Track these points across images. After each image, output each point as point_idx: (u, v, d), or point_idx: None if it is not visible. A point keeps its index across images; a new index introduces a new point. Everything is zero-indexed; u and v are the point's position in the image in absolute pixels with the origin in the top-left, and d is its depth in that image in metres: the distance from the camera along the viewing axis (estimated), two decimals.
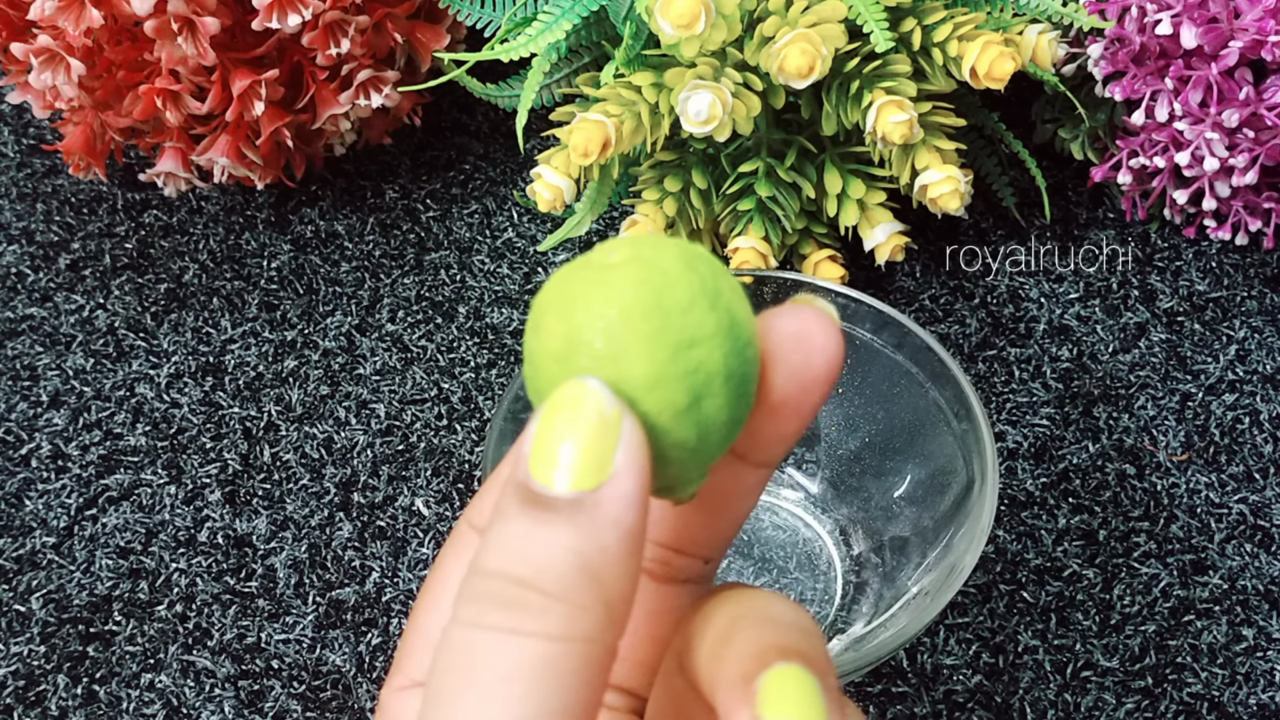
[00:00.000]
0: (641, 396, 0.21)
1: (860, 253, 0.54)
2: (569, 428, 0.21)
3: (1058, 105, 0.58)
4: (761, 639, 0.22)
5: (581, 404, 0.21)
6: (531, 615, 0.20)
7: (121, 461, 0.53)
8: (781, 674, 0.21)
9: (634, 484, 0.21)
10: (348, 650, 0.47)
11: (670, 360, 0.21)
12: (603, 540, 0.21)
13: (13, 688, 0.47)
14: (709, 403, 0.22)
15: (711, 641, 0.23)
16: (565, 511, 0.21)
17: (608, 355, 0.21)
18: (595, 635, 0.21)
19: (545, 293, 0.22)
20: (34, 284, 0.59)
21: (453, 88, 0.62)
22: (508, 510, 0.21)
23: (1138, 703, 0.45)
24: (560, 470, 0.21)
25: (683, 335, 0.21)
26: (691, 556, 0.25)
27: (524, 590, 0.20)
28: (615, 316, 0.21)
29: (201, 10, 0.51)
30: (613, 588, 0.21)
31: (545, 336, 0.22)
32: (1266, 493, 0.50)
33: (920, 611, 0.39)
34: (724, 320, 0.22)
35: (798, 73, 0.45)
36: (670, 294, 0.21)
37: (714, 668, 0.22)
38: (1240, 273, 0.56)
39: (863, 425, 0.46)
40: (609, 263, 0.22)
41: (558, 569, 0.20)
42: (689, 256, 0.22)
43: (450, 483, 0.51)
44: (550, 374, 0.22)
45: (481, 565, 0.21)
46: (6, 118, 0.66)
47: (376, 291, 0.58)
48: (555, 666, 0.20)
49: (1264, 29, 0.47)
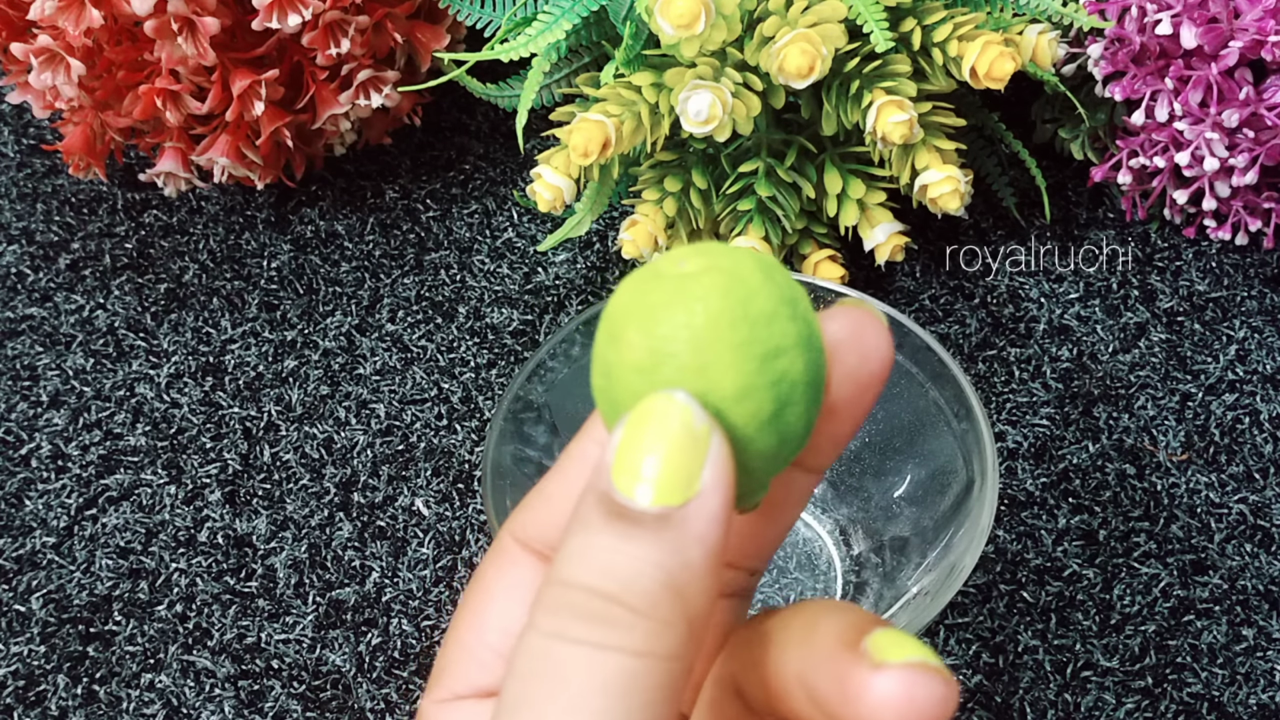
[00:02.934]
0: (729, 408, 0.21)
1: (860, 253, 0.54)
2: (656, 441, 0.21)
3: (1058, 105, 0.58)
4: (851, 617, 0.22)
5: (669, 417, 0.21)
6: (617, 630, 0.20)
7: (121, 461, 0.53)
8: (886, 633, 0.21)
9: (720, 501, 0.21)
10: (348, 650, 0.47)
11: (758, 370, 0.21)
12: (688, 557, 0.20)
13: (13, 688, 0.47)
14: (791, 411, 0.21)
15: (795, 637, 0.23)
16: (651, 526, 0.20)
17: (694, 366, 0.21)
18: (678, 652, 0.21)
19: (618, 303, 0.22)
20: (34, 284, 0.59)
21: (453, 88, 0.62)
22: (590, 521, 0.21)
23: (1138, 703, 0.45)
24: (644, 484, 0.21)
25: (769, 345, 0.21)
26: (739, 569, 0.25)
27: (609, 604, 0.20)
28: (701, 326, 0.21)
29: (201, 10, 0.51)
30: (695, 604, 0.21)
31: (625, 349, 0.21)
32: (1266, 493, 0.50)
33: (920, 611, 0.39)
34: (803, 329, 0.22)
35: (798, 73, 0.45)
36: (754, 303, 0.21)
37: (804, 654, 0.22)
38: (1240, 273, 0.56)
39: (863, 425, 0.46)
40: (685, 272, 0.21)
41: (643, 584, 0.20)
42: (766, 265, 0.22)
43: (450, 483, 0.51)
44: (632, 386, 0.21)
45: (564, 576, 0.21)
46: (6, 118, 0.66)
47: (376, 291, 0.58)
48: (639, 682, 0.20)
49: (1264, 29, 0.47)
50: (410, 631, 0.48)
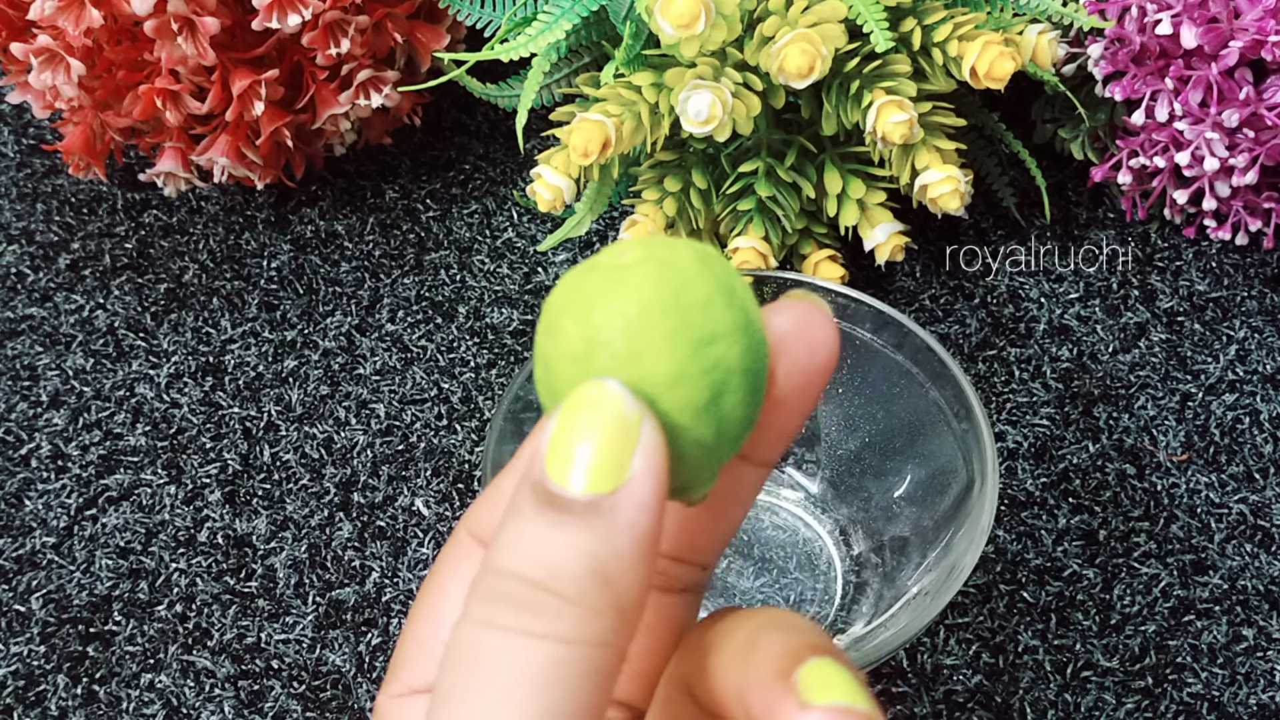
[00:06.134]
0: (662, 394, 0.21)
1: (860, 253, 0.54)
2: (587, 429, 0.21)
3: (1058, 105, 0.58)
4: (790, 640, 0.22)
5: (601, 405, 0.21)
6: (544, 617, 0.20)
7: (121, 461, 0.53)
8: (820, 665, 0.21)
9: (651, 488, 0.21)
10: (347, 650, 0.47)
11: (691, 357, 0.21)
12: (617, 544, 0.21)
13: (13, 688, 0.47)
14: (728, 399, 0.21)
15: (735, 652, 0.23)
16: (581, 514, 0.20)
17: (628, 354, 0.21)
18: (607, 639, 0.21)
19: (557, 295, 0.22)
20: (34, 284, 0.59)
21: (453, 88, 0.62)
22: (523, 509, 0.21)
23: (1138, 703, 0.45)
24: (576, 471, 0.21)
25: (703, 332, 0.21)
26: (689, 564, 0.25)
27: (537, 592, 0.20)
28: (635, 315, 0.21)
29: (201, 10, 0.51)
30: (626, 593, 0.21)
31: (561, 339, 0.22)
32: (1266, 493, 0.50)
33: (920, 611, 0.39)
34: (740, 317, 0.22)
35: (798, 73, 0.45)
36: (688, 291, 0.21)
37: (743, 673, 0.22)
38: (1240, 273, 0.56)
39: (863, 425, 0.46)
40: (622, 263, 0.22)
41: (572, 571, 0.20)
42: (702, 255, 0.22)
43: (450, 483, 0.51)
44: (567, 376, 0.22)
45: (495, 564, 0.21)
46: (6, 118, 0.66)
47: (376, 291, 0.58)
48: (566, 669, 0.20)
49: (1264, 29, 0.47)
50: None
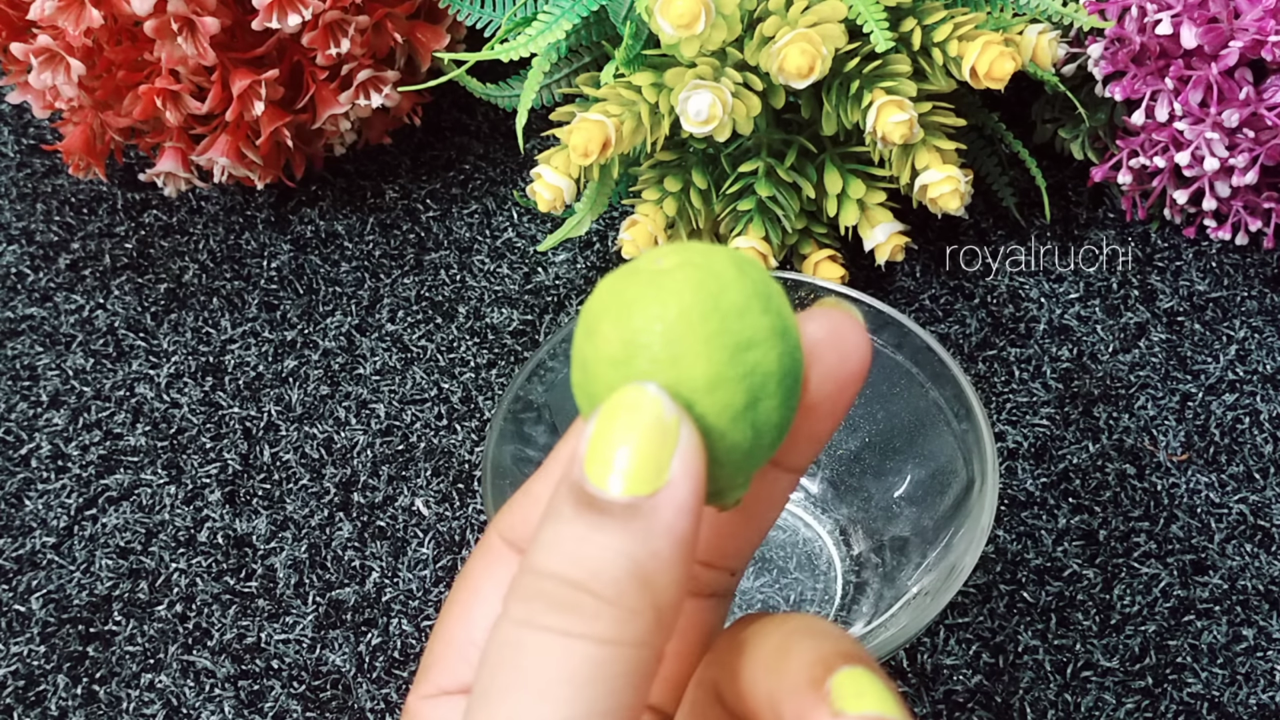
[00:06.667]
0: (700, 399, 0.21)
1: (860, 253, 0.54)
2: (627, 432, 0.21)
3: (1058, 105, 0.58)
4: (822, 647, 0.22)
5: (640, 408, 0.21)
6: (583, 618, 0.21)
7: (121, 461, 0.53)
8: (852, 674, 0.22)
9: (689, 491, 0.21)
10: (348, 650, 0.47)
11: (729, 362, 0.21)
12: (655, 546, 0.21)
13: (13, 688, 0.47)
14: (764, 404, 0.22)
15: (767, 659, 0.23)
16: (620, 516, 0.21)
17: (667, 358, 0.21)
18: (645, 640, 0.21)
19: (597, 299, 0.22)
20: (34, 284, 0.59)
21: (453, 88, 0.62)
22: (562, 511, 0.21)
23: (1138, 703, 0.45)
24: (615, 474, 0.21)
25: (740, 337, 0.21)
26: (719, 569, 0.26)
27: (576, 592, 0.21)
28: (674, 319, 0.21)
29: (201, 10, 0.51)
30: (663, 594, 0.21)
31: (600, 342, 0.22)
32: (1266, 493, 0.50)
33: (920, 611, 0.39)
34: (776, 322, 0.22)
35: (798, 73, 0.45)
36: (726, 297, 0.21)
37: (775, 680, 0.22)
38: (1240, 273, 0.56)
39: (863, 425, 0.46)
40: (661, 268, 0.22)
41: (610, 573, 0.21)
42: (739, 261, 0.22)
43: (450, 483, 0.51)
44: (606, 379, 0.22)
45: (534, 564, 0.21)
46: (6, 118, 0.66)
47: (376, 291, 0.58)
48: (605, 670, 0.20)
49: (1264, 29, 0.47)
50: (410, 631, 0.48)
